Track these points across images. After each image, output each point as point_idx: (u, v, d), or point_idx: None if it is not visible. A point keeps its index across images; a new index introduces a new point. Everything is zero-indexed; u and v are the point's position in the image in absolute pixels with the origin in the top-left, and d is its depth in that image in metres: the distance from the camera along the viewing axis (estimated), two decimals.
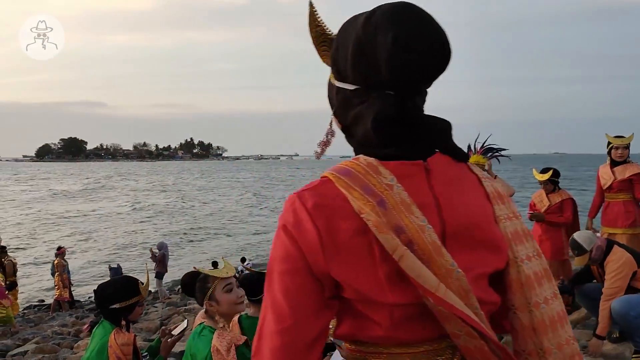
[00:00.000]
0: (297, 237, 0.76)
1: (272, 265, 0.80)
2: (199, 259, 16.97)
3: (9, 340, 6.79)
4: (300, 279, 0.76)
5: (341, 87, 0.86)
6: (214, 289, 2.17)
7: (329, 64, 0.91)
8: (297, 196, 0.79)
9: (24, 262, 16.06)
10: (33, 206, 34.35)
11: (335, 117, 0.90)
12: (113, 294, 2.41)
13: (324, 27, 0.91)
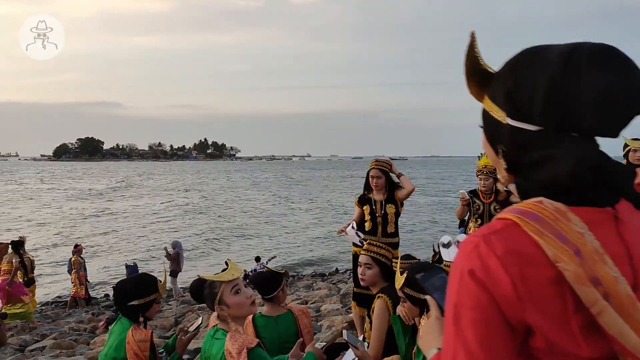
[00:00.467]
0: (489, 285, 0.73)
1: (459, 310, 0.76)
2: (225, 259, 17.11)
3: (27, 336, 6.92)
4: (494, 328, 0.73)
5: (518, 127, 0.81)
6: (221, 293, 2.16)
7: (476, 95, 0.89)
8: (482, 240, 0.75)
9: (52, 260, 16.41)
10: (64, 204, 34.93)
11: (501, 158, 0.86)
12: (132, 290, 2.45)
13: (480, 58, 0.87)
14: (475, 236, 0.77)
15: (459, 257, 0.78)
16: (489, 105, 0.86)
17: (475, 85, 0.89)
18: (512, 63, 0.83)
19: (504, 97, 0.82)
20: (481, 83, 0.88)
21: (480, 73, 0.87)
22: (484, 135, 0.90)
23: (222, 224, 26.01)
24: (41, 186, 54.03)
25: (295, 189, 51.34)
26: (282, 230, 24.10)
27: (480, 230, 0.78)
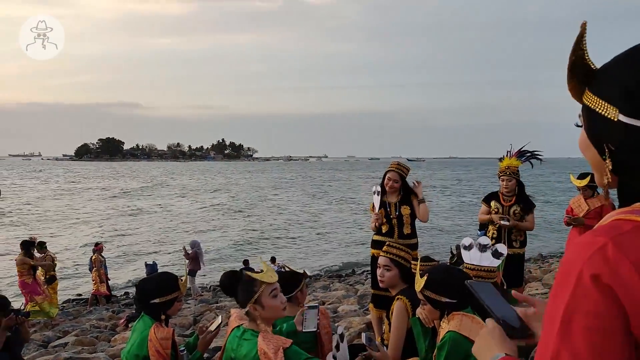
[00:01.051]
0: (620, 294, 0.68)
1: (572, 315, 0.70)
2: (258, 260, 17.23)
3: (50, 332, 7.07)
4: (614, 340, 0.68)
5: (635, 125, 0.76)
6: (260, 294, 2.15)
7: (574, 92, 0.86)
8: (611, 243, 0.70)
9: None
10: (101, 203, 35.83)
11: (608, 158, 0.81)
12: (154, 289, 2.48)
13: (586, 52, 0.83)
14: (599, 236, 0.71)
15: (577, 257, 0.72)
16: (594, 102, 0.82)
17: (575, 81, 0.85)
18: (628, 58, 0.79)
19: (619, 93, 0.78)
20: (581, 79, 0.84)
21: (582, 68, 0.83)
22: (586, 134, 0.85)
23: (259, 224, 26.06)
24: (75, 185, 55.30)
25: (323, 189, 51.41)
26: (314, 231, 24.00)
27: (603, 230, 0.72)
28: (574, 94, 0.87)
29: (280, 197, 42.91)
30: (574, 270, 0.71)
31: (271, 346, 1.99)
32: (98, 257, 11.58)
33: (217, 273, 16.39)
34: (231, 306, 8.75)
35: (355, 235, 22.41)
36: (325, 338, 2.79)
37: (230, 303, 9.44)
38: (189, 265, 12.26)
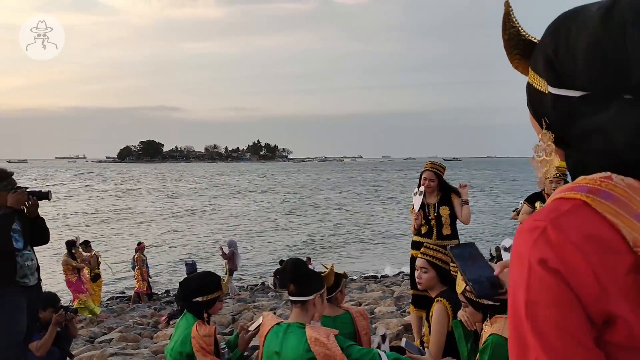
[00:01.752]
0: (568, 277, 0.65)
1: (534, 309, 0.67)
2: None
3: (96, 328, 7.34)
4: (578, 327, 0.66)
5: (561, 95, 0.74)
6: (326, 291, 2.26)
7: (521, 69, 0.83)
8: (550, 224, 0.67)
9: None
10: (156, 203, 37.49)
11: (547, 130, 0.78)
12: (197, 288, 2.54)
13: (520, 28, 0.80)
14: (539, 220, 0.68)
15: (521, 244, 0.69)
16: (531, 77, 0.80)
17: (519, 59, 0.82)
18: (550, 28, 0.77)
19: (543, 64, 0.76)
20: (526, 55, 0.81)
21: (524, 44, 0.81)
22: (530, 110, 0.83)
23: (314, 225, 26.32)
24: (128, 186, 57.58)
25: (370, 189, 51.39)
26: (367, 232, 23.90)
27: (544, 213, 0.69)
28: (522, 71, 0.84)
29: (329, 197, 43.17)
30: (521, 260, 0.68)
31: (322, 332, 2.05)
32: (140, 256, 11.95)
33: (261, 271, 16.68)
34: (268, 306, 8.86)
35: (397, 236, 22.28)
36: (364, 339, 2.78)
37: (268, 302, 9.55)
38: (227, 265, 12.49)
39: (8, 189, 3.40)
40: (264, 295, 12.25)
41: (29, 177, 68.53)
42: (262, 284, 14.87)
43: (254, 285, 14.64)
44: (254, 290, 13.47)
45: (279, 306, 8.49)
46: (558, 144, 0.79)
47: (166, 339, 5.89)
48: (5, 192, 3.38)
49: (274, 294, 12.21)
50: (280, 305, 8.54)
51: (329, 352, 1.99)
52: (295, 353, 2.05)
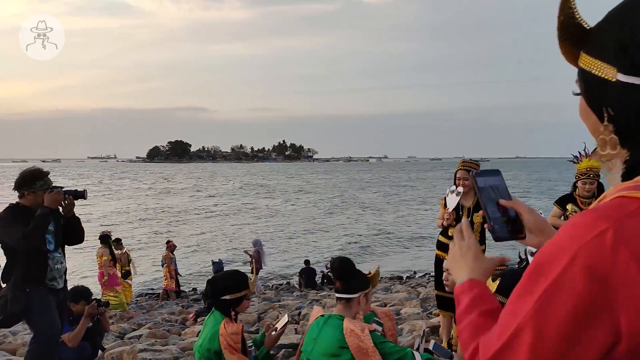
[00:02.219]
0: (614, 287, 0.60)
1: (553, 296, 0.63)
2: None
3: (125, 324, 7.51)
4: (592, 333, 0.62)
5: (634, 84, 0.68)
6: (370, 290, 2.36)
7: (568, 56, 0.79)
8: (612, 228, 0.61)
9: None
10: (193, 203, 38.16)
11: (609, 123, 0.73)
12: (225, 286, 2.58)
13: (576, 11, 0.75)
14: (599, 218, 0.63)
15: (572, 239, 0.63)
16: (589, 63, 0.74)
17: (568, 44, 0.77)
18: (620, 11, 0.72)
19: (614, 50, 0.70)
20: (574, 41, 0.77)
21: (574, 29, 0.76)
22: (584, 100, 0.77)
23: (356, 225, 26.17)
24: (164, 185, 59.00)
25: (400, 190, 50.96)
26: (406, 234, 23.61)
27: (604, 211, 0.63)
28: (569, 58, 0.79)
29: (359, 197, 42.96)
30: (566, 252, 0.63)
31: (358, 325, 2.12)
32: (168, 254, 12.17)
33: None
34: (294, 305, 8.89)
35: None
36: (390, 340, 2.76)
37: (293, 302, 9.59)
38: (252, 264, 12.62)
39: (44, 189, 3.45)
40: (289, 294, 12.31)
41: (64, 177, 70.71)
42: (287, 283, 14.94)
43: (279, 285, 14.73)
44: (279, 290, 13.54)
45: (303, 305, 8.51)
46: (625, 138, 0.72)
47: (194, 336, 5.98)
48: (42, 191, 3.44)
49: (299, 293, 12.26)
50: (305, 305, 8.57)
51: (362, 344, 2.04)
52: (329, 341, 2.13)
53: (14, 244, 3.33)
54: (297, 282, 14.24)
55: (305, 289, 13.10)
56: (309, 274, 13.82)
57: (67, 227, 3.65)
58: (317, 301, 9.27)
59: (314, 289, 12.94)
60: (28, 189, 3.45)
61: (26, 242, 3.28)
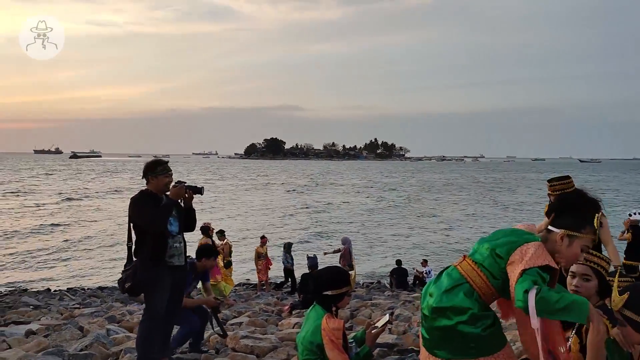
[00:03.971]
0: None
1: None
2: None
3: (227, 311, 7.98)
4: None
5: None
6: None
7: None
8: None
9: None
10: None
11: None
12: (328, 281, 2.64)
13: None
14: None
15: None
16: None
17: None
18: None
19: None
20: None
21: None
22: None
23: (445, 227, 25.90)
24: (273, 181, 62.72)
25: (498, 192, 48.86)
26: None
27: None
28: None
29: (451, 198, 41.80)
30: None
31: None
32: (262, 249, 12.73)
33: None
34: (386, 305, 8.83)
35: None
36: None
37: (385, 301, 9.52)
38: (341, 262, 12.74)
39: (163, 174, 3.89)
40: (380, 293, 12.26)
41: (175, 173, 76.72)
42: (378, 282, 14.89)
43: (370, 283, 14.72)
44: (370, 288, 13.54)
45: (396, 306, 8.42)
46: None
47: (290, 327, 6.18)
48: (163, 175, 3.88)
49: (390, 293, 12.16)
50: (398, 306, 8.46)
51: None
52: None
53: (143, 225, 3.80)
54: (388, 282, 14.13)
55: (396, 290, 12.97)
56: (400, 275, 13.66)
57: (184, 217, 4.07)
58: (409, 302, 9.13)
59: (405, 290, 12.76)
60: (151, 173, 3.90)
61: (152, 226, 3.78)
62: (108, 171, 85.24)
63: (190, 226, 4.14)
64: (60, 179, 60.63)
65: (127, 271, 3.80)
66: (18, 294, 12.60)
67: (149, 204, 3.79)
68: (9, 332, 5.98)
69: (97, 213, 29.73)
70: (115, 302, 10.41)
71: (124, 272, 3.82)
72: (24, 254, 18.54)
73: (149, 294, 3.86)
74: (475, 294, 2.14)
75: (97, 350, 4.68)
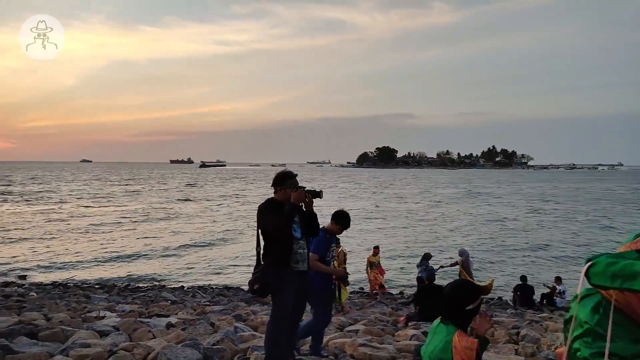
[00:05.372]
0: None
1: None
2: None
3: (343, 318, 8.10)
4: None
5: None
6: None
7: None
8: None
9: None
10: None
11: None
12: (462, 296, 2.49)
13: None
14: None
15: None
16: None
17: None
18: None
19: None
20: None
21: None
22: None
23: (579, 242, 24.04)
24: (393, 190, 63.31)
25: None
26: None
27: None
28: None
29: (586, 212, 38.03)
30: None
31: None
32: (374, 259, 12.70)
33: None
34: (509, 323, 8.27)
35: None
36: None
37: (508, 319, 8.94)
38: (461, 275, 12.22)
39: (291, 187, 4.10)
40: (501, 310, 11.53)
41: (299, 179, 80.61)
42: (499, 298, 14.01)
43: (490, 299, 13.91)
44: (490, 304, 12.79)
45: (521, 325, 7.85)
46: None
47: (407, 339, 6.09)
48: (290, 189, 4.09)
49: (513, 311, 11.37)
50: (524, 325, 7.88)
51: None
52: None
53: (269, 230, 4.03)
54: (512, 299, 13.24)
55: (520, 308, 12.09)
56: (525, 292, 12.71)
57: (306, 221, 4.23)
58: (536, 322, 8.46)
59: (531, 309, 11.83)
60: (280, 186, 4.13)
61: (277, 230, 3.98)
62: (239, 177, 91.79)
63: (311, 231, 4.27)
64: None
65: (256, 274, 4.03)
66: (157, 289, 14.11)
67: (274, 211, 4.00)
68: (153, 323, 6.71)
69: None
70: (240, 302, 11.16)
71: (254, 275, 4.06)
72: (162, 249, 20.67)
73: (275, 297, 4.06)
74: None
75: (227, 345, 5.04)
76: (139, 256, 19.36)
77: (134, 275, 16.22)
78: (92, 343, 4.91)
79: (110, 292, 13.35)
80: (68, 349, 4.62)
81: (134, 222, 29.05)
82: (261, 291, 4.02)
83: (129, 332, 5.80)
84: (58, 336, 5.30)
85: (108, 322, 6.43)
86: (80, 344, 4.78)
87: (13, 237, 22.97)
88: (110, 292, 13.21)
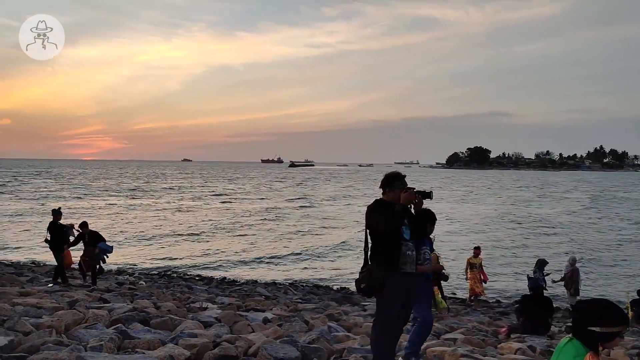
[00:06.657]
0: None
1: None
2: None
3: (438, 324, 7.79)
4: None
5: None
6: None
7: None
8: None
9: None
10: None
11: None
12: (598, 315, 2.26)
13: None
14: None
15: None
16: None
17: None
18: None
19: None
20: None
21: None
22: None
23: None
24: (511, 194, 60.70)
25: None
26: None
27: None
28: None
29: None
30: None
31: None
32: (474, 260, 12.12)
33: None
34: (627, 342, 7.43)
35: None
36: None
37: (627, 338, 8.04)
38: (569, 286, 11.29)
39: (400, 188, 4.05)
40: None
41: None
42: None
43: None
44: None
45: None
46: None
47: (511, 352, 5.70)
48: (399, 189, 4.04)
49: (630, 328, 10.24)
50: None
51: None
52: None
53: (378, 231, 4.01)
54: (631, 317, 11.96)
55: (637, 325, 10.87)
56: None
57: (415, 222, 4.14)
58: None
59: None
60: (389, 187, 4.11)
61: (385, 231, 3.95)
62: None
63: (419, 232, 4.17)
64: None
65: (363, 273, 4.02)
66: (252, 284, 14.67)
67: (383, 212, 3.97)
68: (251, 317, 6.95)
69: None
70: (330, 301, 11.22)
71: (360, 274, 4.05)
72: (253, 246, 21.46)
73: (380, 298, 4.01)
74: None
75: (323, 345, 5.05)
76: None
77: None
78: (199, 333, 5.18)
79: (209, 284, 14.13)
80: (177, 337, 4.91)
81: (270, 221, 30.30)
82: (367, 291, 4.00)
83: (229, 325, 6.05)
84: (167, 324, 5.67)
85: (210, 314, 6.76)
86: (188, 334, 5.06)
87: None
88: (209, 284, 13.98)
